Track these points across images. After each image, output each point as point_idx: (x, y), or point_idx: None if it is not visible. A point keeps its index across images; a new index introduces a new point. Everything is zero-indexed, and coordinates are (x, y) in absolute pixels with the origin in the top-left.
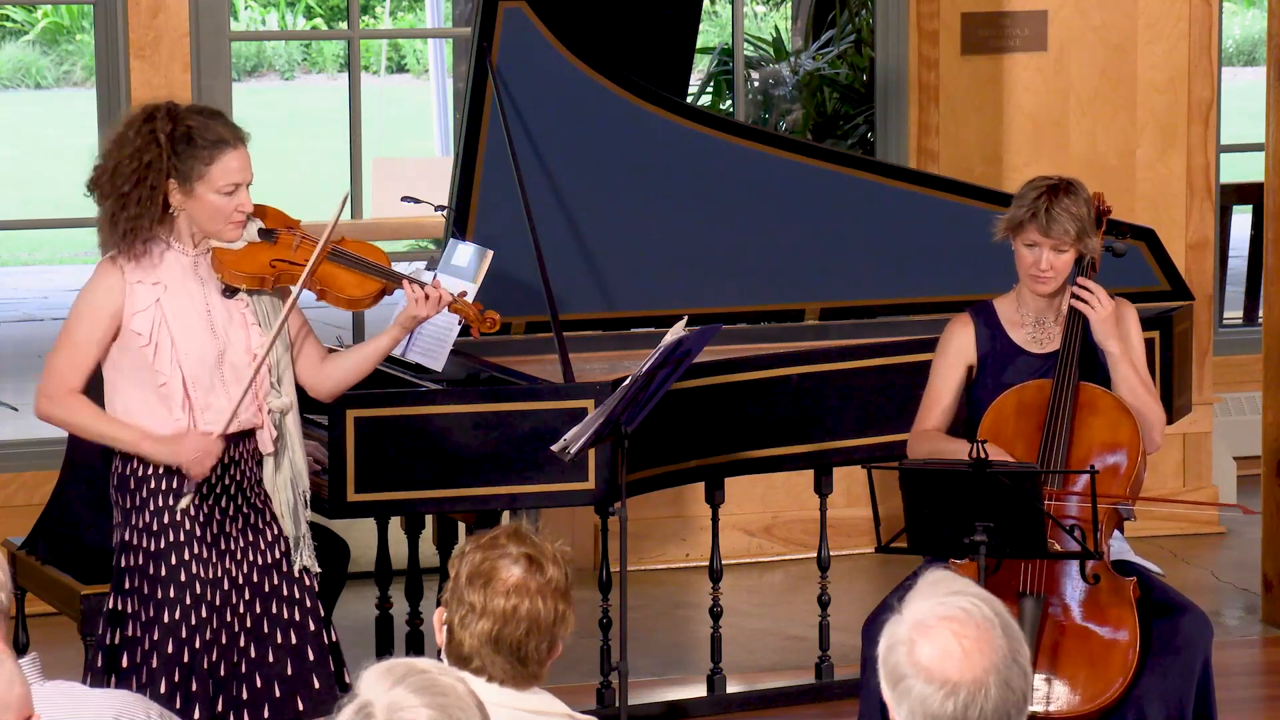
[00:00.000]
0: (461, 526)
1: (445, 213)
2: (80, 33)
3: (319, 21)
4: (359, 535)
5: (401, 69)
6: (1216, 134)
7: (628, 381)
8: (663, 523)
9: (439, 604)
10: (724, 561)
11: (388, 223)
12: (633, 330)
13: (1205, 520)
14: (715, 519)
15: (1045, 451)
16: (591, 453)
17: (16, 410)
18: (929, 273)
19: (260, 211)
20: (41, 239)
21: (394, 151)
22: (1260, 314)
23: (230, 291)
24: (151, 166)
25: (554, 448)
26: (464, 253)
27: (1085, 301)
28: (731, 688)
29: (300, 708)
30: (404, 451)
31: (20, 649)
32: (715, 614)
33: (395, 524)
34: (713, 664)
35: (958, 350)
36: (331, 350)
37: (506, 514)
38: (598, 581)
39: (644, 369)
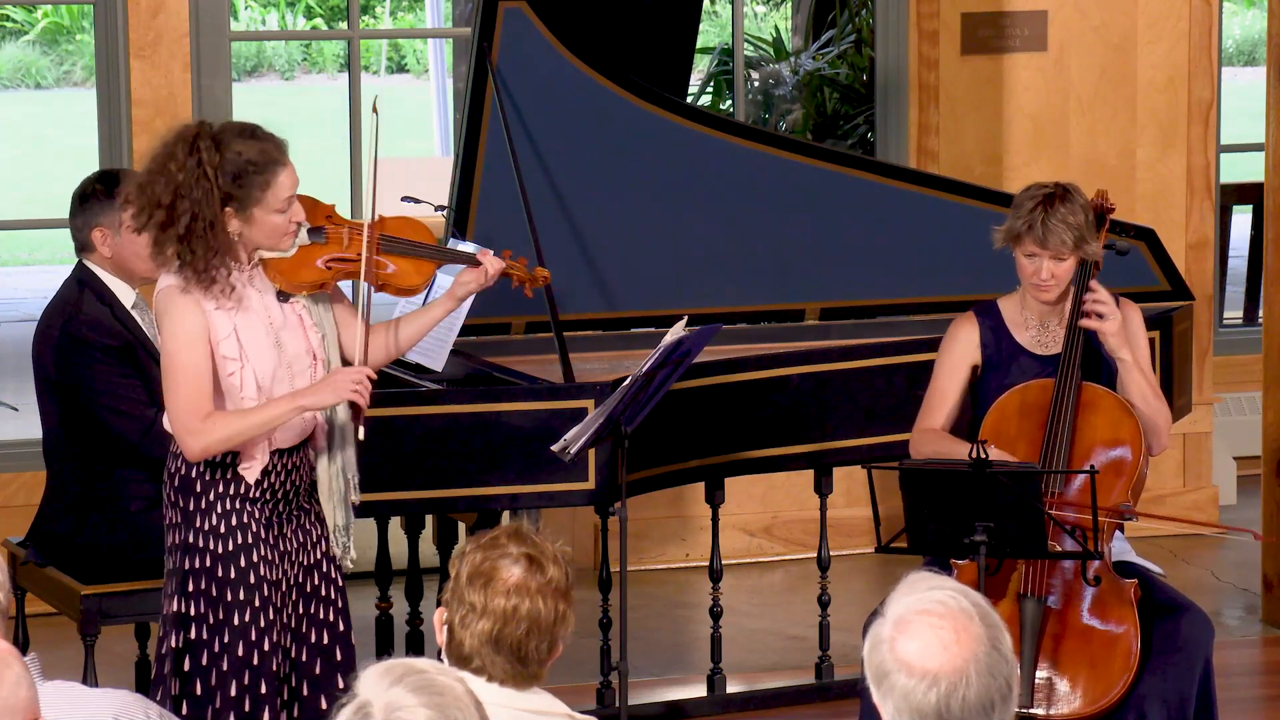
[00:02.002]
0: (461, 526)
1: (445, 213)
2: (80, 33)
3: (319, 21)
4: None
5: (401, 69)
6: (1216, 134)
7: (628, 381)
8: (663, 523)
9: (439, 604)
10: (724, 561)
11: None
12: (633, 330)
13: (1205, 520)
14: (715, 519)
15: (1047, 452)
16: (591, 453)
17: (17, 410)
18: (929, 273)
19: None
20: (41, 239)
21: (394, 151)
22: (1260, 314)
23: (284, 295)
24: (204, 201)
25: (554, 448)
26: None
27: (1099, 315)
28: (731, 688)
29: (324, 706)
30: (404, 452)
31: (20, 649)
32: (715, 614)
33: (395, 524)
34: (713, 664)
35: (962, 350)
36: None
37: (506, 514)
38: (598, 581)
39: (644, 369)
